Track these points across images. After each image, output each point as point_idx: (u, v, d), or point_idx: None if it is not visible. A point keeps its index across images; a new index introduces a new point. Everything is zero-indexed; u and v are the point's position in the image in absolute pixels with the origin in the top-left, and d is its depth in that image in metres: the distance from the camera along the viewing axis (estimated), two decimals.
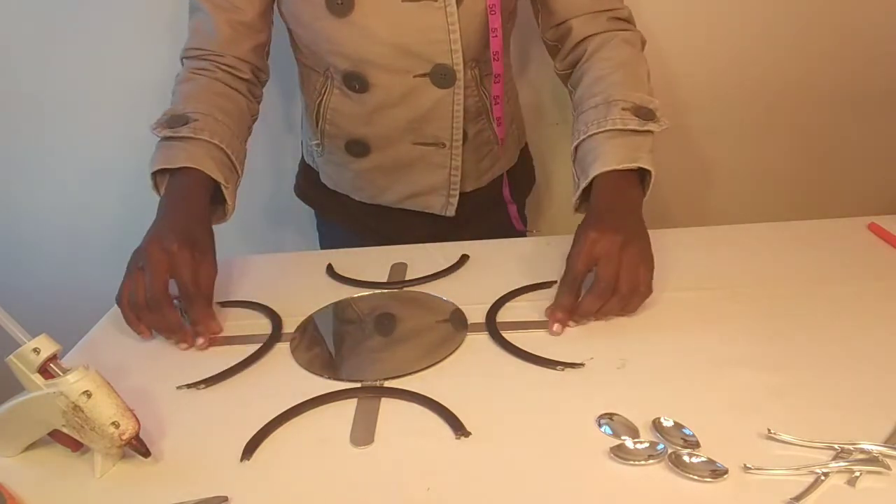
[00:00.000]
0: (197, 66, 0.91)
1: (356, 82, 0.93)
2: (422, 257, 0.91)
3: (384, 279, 0.87)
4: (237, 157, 0.88)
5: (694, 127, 1.33)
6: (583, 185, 0.80)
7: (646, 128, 0.81)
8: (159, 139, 0.84)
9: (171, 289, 0.73)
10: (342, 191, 1.08)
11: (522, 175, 1.16)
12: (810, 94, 1.31)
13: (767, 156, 1.37)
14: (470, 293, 0.81)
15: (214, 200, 0.84)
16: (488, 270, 0.87)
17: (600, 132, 0.81)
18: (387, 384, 0.66)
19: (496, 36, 0.93)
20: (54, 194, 1.40)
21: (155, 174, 0.82)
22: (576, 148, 0.85)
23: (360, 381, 0.67)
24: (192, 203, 0.80)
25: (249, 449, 0.59)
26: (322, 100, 0.98)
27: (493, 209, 1.12)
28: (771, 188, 1.40)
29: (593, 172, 0.79)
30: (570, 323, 0.73)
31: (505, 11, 0.94)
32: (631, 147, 0.80)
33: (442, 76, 0.92)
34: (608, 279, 0.70)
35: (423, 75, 0.92)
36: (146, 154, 0.83)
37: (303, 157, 1.16)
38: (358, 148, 1.00)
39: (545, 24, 0.98)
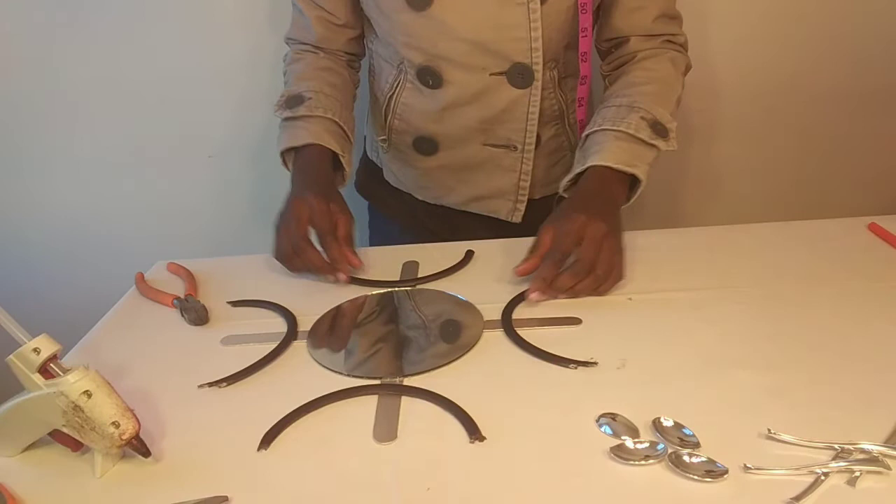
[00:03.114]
0: (301, 49, 1.01)
1: (430, 78, 0.92)
2: (427, 256, 0.91)
3: (393, 277, 0.87)
4: (348, 126, 0.96)
5: (693, 127, 1.33)
6: (576, 169, 0.85)
7: (653, 142, 0.84)
8: (281, 120, 0.94)
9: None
10: (406, 189, 1.07)
11: None
12: (810, 94, 1.31)
13: (767, 156, 1.37)
14: (480, 290, 0.81)
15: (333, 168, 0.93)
16: (497, 268, 0.87)
17: (612, 130, 0.85)
18: (406, 382, 0.67)
19: (586, 36, 0.92)
20: (55, 194, 1.40)
21: (283, 153, 0.93)
22: (586, 136, 0.89)
23: (380, 377, 0.67)
24: (320, 171, 0.90)
25: (267, 440, 0.59)
26: (393, 94, 0.97)
27: None
28: (771, 188, 1.40)
29: (591, 162, 0.83)
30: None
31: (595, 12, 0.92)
32: (632, 153, 0.84)
33: (519, 76, 0.90)
34: (589, 261, 0.76)
35: (500, 74, 0.90)
36: (146, 154, 0.84)
37: (365, 152, 1.15)
38: (426, 146, 0.99)
39: (601, 36, 0.97)
